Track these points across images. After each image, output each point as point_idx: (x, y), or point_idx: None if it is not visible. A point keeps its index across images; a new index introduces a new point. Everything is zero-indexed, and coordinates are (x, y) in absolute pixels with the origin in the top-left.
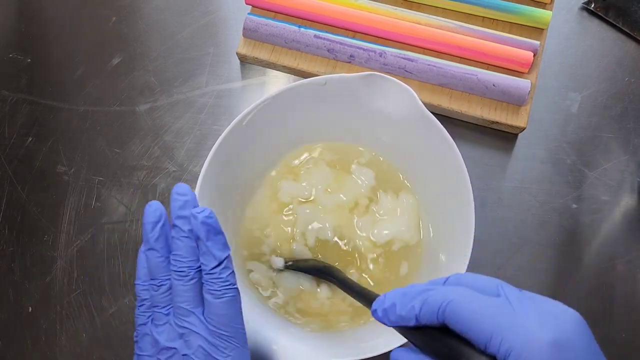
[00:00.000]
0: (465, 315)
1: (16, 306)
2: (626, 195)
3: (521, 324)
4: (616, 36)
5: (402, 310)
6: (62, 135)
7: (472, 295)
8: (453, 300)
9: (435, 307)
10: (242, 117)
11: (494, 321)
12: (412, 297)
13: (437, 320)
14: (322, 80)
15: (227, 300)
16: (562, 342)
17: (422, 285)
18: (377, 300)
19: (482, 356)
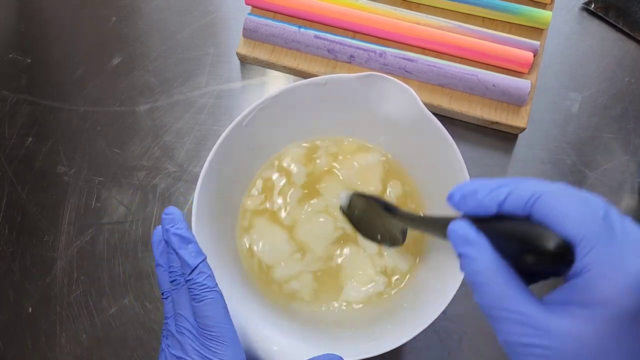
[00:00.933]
0: (559, 209)
1: (16, 306)
2: (627, 195)
3: (619, 244)
4: (616, 36)
5: (485, 197)
6: (62, 135)
7: (572, 194)
8: (547, 192)
9: (526, 196)
10: (243, 118)
11: (590, 228)
12: (497, 186)
13: (522, 211)
14: (323, 81)
15: (207, 302)
16: None
17: (508, 178)
18: (457, 186)
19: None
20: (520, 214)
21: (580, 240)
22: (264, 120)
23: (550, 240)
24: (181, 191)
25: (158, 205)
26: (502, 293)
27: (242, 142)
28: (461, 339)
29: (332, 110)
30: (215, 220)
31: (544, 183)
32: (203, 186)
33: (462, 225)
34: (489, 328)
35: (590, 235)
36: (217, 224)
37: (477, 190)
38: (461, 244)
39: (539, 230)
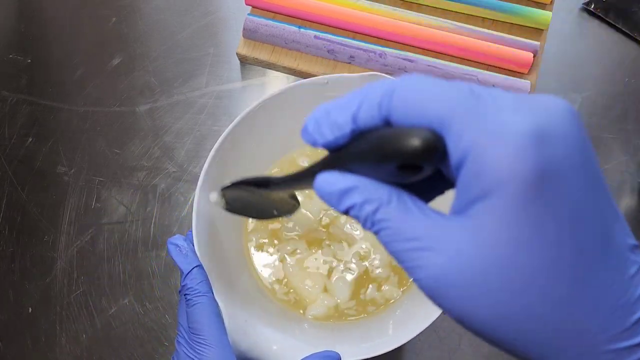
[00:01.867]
0: (418, 100)
1: (16, 307)
2: (627, 196)
3: (495, 112)
4: (616, 37)
5: (339, 115)
6: (62, 135)
7: (428, 81)
8: (401, 86)
9: (378, 97)
10: (243, 117)
11: (458, 107)
12: (346, 103)
13: (379, 118)
14: (324, 80)
15: (197, 306)
16: (544, 133)
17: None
18: (309, 115)
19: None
20: (379, 123)
21: (449, 126)
22: (264, 120)
23: (414, 137)
24: (181, 191)
25: (158, 206)
26: (405, 224)
27: (243, 141)
28: (461, 338)
29: None
30: (216, 220)
31: (402, 78)
32: (204, 185)
33: (329, 177)
34: None
35: (460, 116)
36: (219, 223)
37: (329, 110)
38: (339, 197)
39: (400, 130)
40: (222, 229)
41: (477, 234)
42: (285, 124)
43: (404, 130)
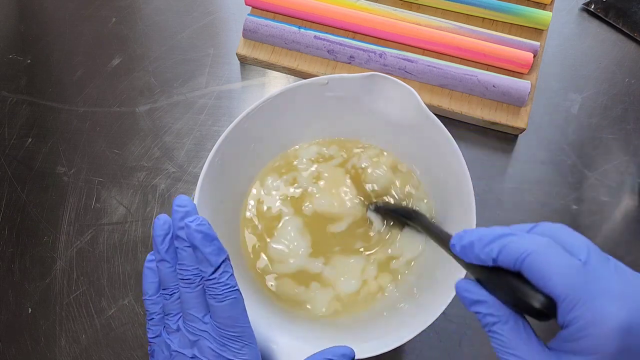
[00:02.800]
0: (544, 270)
1: (16, 307)
2: (626, 196)
3: (598, 296)
4: (616, 37)
5: (480, 252)
6: (61, 136)
7: (555, 252)
8: (533, 252)
9: (514, 256)
10: (243, 117)
11: (571, 286)
12: (491, 239)
13: (513, 267)
14: (324, 80)
15: (229, 302)
16: (633, 327)
17: (504, 229)
18: (455, 236)
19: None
20: (513, 269)
21: (563, 299)
22: (264, 120)
23: (535, 300)
24: (181, 192)
25: (158, 206)
26: (512, 342)
27: (243, 141)
28: (461, 339)
29: (333, 110)
30: (216, 215)
31: (532, 240)
32: (204, 185)
33: (468, 286)
34: None
35: (572, 293)
36: (219, 217)
37: (474, 243)
38: (470, 303)
39: (526, 289)
40: (224, 227)
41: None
42: (286, 123)
43: (530, 292)
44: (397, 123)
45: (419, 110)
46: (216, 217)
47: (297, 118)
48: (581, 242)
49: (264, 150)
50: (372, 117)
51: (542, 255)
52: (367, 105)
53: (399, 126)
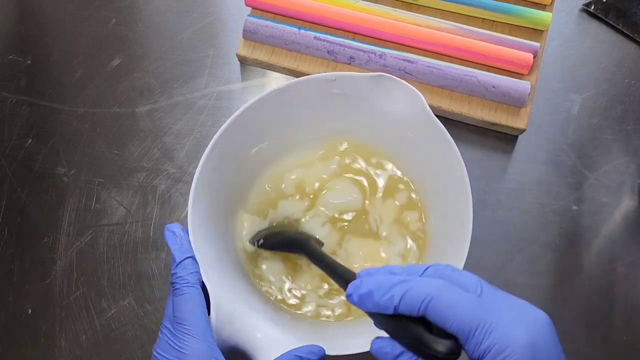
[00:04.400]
0: (448, 312)
1: (16, 308)
2: (626, 197)
3: (502, 324)
4: (616, 38)
5: (380, 300)
6: (61, 136)
7: (454, 292)
8: (435, 296)
9: (417, 301)
10: (247, 107)
11: (475, 319)
12: (390, 287)
13: (417, 313)
14: (332, 77)
15: (184, 296)
16: (536, 344)
17: (399, 274)
18: (352, 285)
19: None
20: (416, 315)
21: (474, 333)
22: (266, 114)
23: (442, 346)
24: (181, 192)
25: (158, 207)
26: None
27: (243, 134)
28: None
29: (337, 108)
30: (213, 205)
31: (429, 284)
32: (202, 172)
33: (384, 344)
34: None
35: (479, 325)
36: (215, 207)
37: (372, 292)
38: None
39: (429, 337)
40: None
41: None
42: (289, 119)
43: (434, 340)
44: (400, 124)
45: (423, 113)
46: (214, 206)
47: (301, 113)
48: (471, 278)
49: (266, 143)
50: (375, 116)
51: (443, 297)
52: (372, 104)
53: (401, 127)
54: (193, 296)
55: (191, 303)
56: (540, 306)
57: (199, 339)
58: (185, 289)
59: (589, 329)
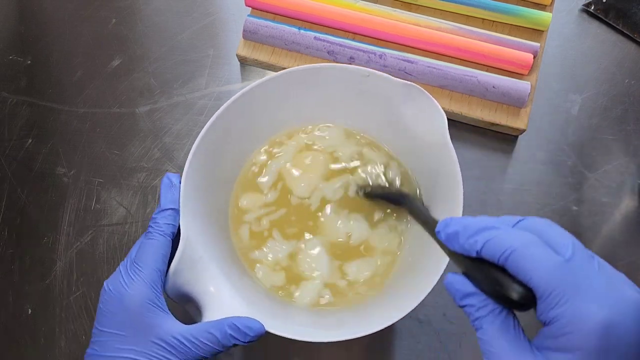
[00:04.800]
0: (527, 268)
1: (16, 308)
2: (626, 197)
3: (579, 295)
4: (616, 38)
5: (465, 242)
6: (61, 137)
7: (539, 249)
8: (517, 249)
9: (498, 251)
10: (286, 72)
11: (554, 283)
12: (476, 231)
13: (498, 262)
14: (366, 72)
15: (152, 242)
16: (613, 325)
17: (490, 221)
18: (441, 222)
19: (528, 306)
20: (497, 263)
21: (547, 296)
22: (294, 88)
23: (513, 292)
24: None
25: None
26: (498, 338)
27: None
28: (461, 340)
29: (357, 102)
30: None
31: (516, 236)
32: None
33: (458, 279)
34: None
35: (554, 291)
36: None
37: (459, 233)
38: (462, 297)
39: (506, 281)
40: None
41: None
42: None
43: (509, 284)
44: (415, 137)
45: (440, 133)
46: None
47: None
48: (566, 239)
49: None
50: (391, 121)
51: (526, 252)
52: (396, 110)
53: (415, 140)
54: (160, 244)
55: (155, 249)
56: None
57: (146, 283)
58: (157, 236)
59: None
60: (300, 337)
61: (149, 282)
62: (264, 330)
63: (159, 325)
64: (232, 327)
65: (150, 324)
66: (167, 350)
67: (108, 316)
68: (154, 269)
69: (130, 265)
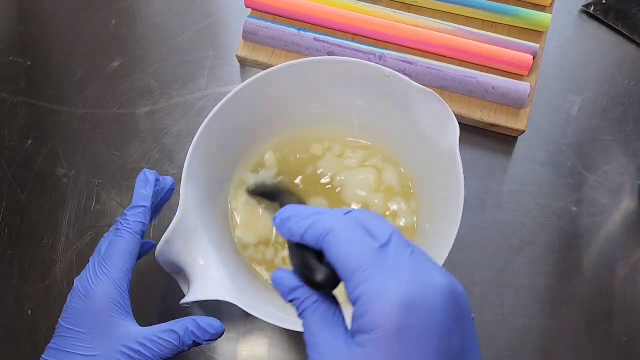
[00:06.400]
0: (339, 248)
1: (15, 309)
2: (626, 198)
3: (385, 275)
4: (616, 39)
5: (293, 226)
6: (61, 138)
7: (355, 232)
8: (333, 231)
9: (318, 233)
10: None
11: (361, 264)
12: (306, 216)
13: (317, 245)
14: (387, 72)
15: (120, 240)
16: (414, 305)
17: (321, 209)
18: (280, 210)
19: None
20: (316, 247)
21: (351, 277)
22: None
23: (319, 273)
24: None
25: None
26: (318, 328)
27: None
28: None
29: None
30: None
31: (337, 220)
32: (199, 142)
33: (283, 274)
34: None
35: (360, 273)
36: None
37: (291, 218)
38: (288, 292)
39: (315, 264)
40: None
41: (351, 354)
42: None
43: (317, 267)
44: (424, 141)
45: (451, 144)
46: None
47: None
48: (386, 228)
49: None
50: (403, 126)
51: (341, 234)
52: (408, 113)
53: (425, 148)
54: (128, 242)
55: (123, 248)
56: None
57: (112, 283)
58: (125, 234)
59: (589, 329)
60: (278, 323)
61: (116, 280)
62: (223, 330)
63: (122, 327)
64: (193, 324)
65: (112, 324)
66: (131, 357)
67: (73, 313)
68: (121, 267)
69: (98, 262)
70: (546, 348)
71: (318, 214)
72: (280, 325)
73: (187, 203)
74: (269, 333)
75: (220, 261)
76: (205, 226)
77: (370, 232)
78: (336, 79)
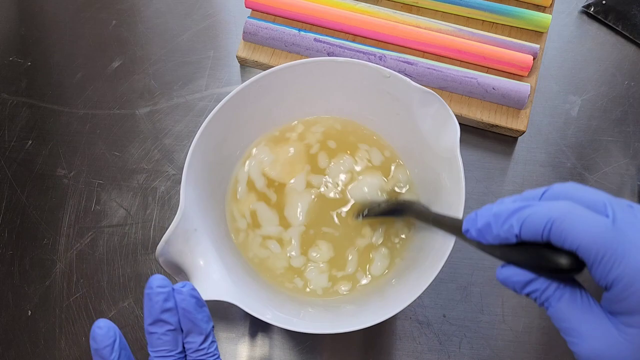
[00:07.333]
0: (573, 235)
1: (15, 310)
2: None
3: (634, 253)
4: (616, 40)
5: (500, 231)
6: (61, 138)
7: (579, 213)
8: (557, 219)
9: (539, 227)
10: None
11: (605, 245)
12: (507, 216)
13: (541, 239)
14: (387, 73)
15: None
16: None
17: (516, 201)
18: (467, 219)
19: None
20: (541, 242)
21: (600, 260)
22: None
23: (563, 258)
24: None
25: (158, 208)
26: (570, 312)
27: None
28: (461, 342)
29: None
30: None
31: (551, 207)
32: (198, 143)
33: (511, 271)
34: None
35: (607, 254)
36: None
37: (490, 224)
38: (522, 286)
39: (551, 254)
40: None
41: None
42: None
43: (556, 254)
44: (424, 143)
45: (452, 146)
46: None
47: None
48: (600, 197)
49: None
50: (403, 123)
51: (567, 219)
52: (408, 114)
53: (425, 149)
54: None
55: None
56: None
57: None
58: None
59: None
60: (278, 323)
61: None
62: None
63: None
64: None
65: None
66: None
67: None
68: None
69: None
70: (546, 348)
71: (519, 210)
72: (280, 326)
73: (187, 203)
74: (269, 333)
75: (221, 261)
76: (205, 226)
77: (587, 206)
78: (336, 79)
